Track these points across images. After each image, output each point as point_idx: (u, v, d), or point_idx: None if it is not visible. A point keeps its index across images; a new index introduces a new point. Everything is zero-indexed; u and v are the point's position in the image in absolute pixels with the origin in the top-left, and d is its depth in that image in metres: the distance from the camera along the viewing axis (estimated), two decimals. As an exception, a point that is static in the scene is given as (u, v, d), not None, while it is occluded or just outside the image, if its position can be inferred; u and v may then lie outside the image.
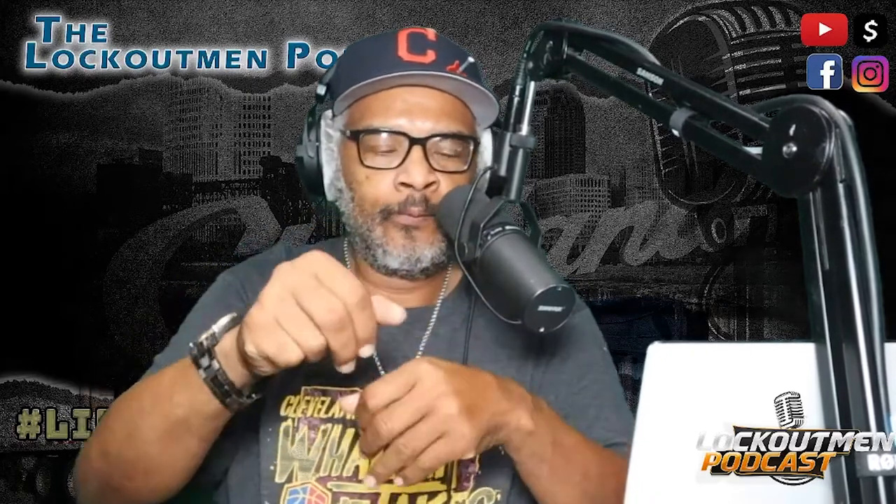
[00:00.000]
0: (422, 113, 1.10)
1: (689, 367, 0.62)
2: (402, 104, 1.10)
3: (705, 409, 0.62)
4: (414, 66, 1.09)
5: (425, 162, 1.10)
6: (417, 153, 1.09)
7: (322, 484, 1.11)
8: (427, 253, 1.13)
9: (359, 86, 1.09)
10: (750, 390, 0.63)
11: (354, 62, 1.15)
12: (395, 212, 1.11)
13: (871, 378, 0.58)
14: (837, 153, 0.61)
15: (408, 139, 1.09)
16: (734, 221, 4.12)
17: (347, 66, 1.15)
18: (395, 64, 1.09)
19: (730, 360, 0.64)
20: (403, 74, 1.08)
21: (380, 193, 1.11)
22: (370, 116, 1.11)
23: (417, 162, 1.09)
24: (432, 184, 1.10)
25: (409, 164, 1.09)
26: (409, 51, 1.10)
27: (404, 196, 1.10)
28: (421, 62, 1.09)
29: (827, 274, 0.61)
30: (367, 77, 1.08)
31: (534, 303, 0.91)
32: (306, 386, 1.15)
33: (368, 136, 1.11)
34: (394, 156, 1.11)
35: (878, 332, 0.59)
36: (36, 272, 3.69)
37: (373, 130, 1.11)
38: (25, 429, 3.85)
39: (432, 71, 1.08)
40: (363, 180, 1.13)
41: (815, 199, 0.62)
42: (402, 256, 1.13)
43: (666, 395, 0.62)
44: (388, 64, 1.09)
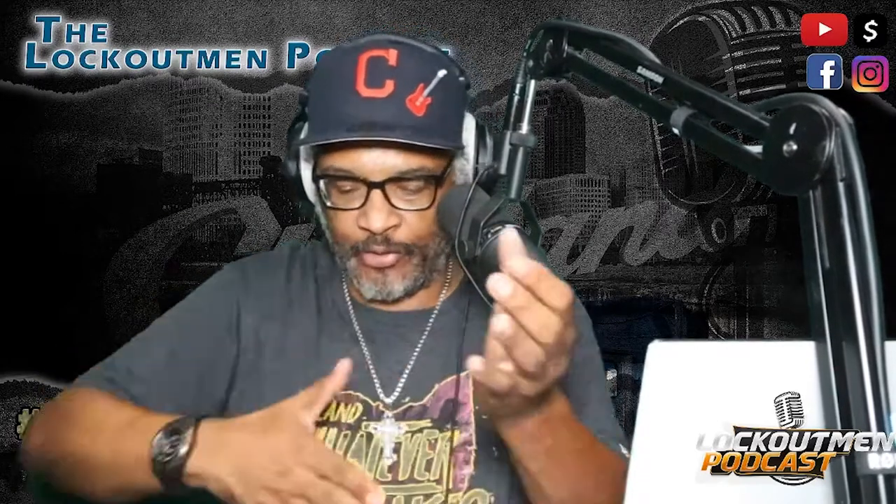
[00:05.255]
0: (381, 153, 1.08)
1: (689, 367, 0.62)
2: (361, 146, 1.08)
3: (705, 408, 0.62)
4: (370, 106, 1.07)
5: (386, 205, 1.09)
6: (377, 197, 1.09)
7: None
8: (398, 287, 1.15)
9: (314, 144, 1.10)
10: (750, 390, 0.63)
11: (322, 85, 1.13)
12: (361, 250, 1.12)
13: (871, 377, 0.58)
14: (838, 152, 0.61)
15: (365, 185, 1.09)
16: (734, 221, 4.12)
17: (317, 84, 1.14)
18: (352, 103, 1.07)
19: (730, 359, 0.64)
20: (348, 140, 1.07)
21: (346, 231, 1.13)
22: (331, 158, 1.11)
23: (377, 207, 1.09)
24: (392, 226, 1.10)
25: (369, 209, 1.09)
26: (367, 83, 1.07)
27: (367, 236, 1.11)
28: (377, 98, 1.07)
29: (827, 273, 0.61)
30: (325, 121, 1.09)
31: (533, 302, 0.91)
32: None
33: (330, 179, 1.11)
34: (356, 195, 1.11)
35: (878, 331, 0.59)
36: (36, 272, 3.69)
37: (332, 176, 1.11)
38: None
39: (389, 110, 1.06)
40: (331, 216, 1.14)
41: (816, 197, 0.62)
42: (374, 289, 1.15)
43: (666, 395, 0.62)
44: (345, 101, 1.08)
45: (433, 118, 1.08)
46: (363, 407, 1.16)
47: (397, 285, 1.14)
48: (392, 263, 1.12)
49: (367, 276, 1.14)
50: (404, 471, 1.13)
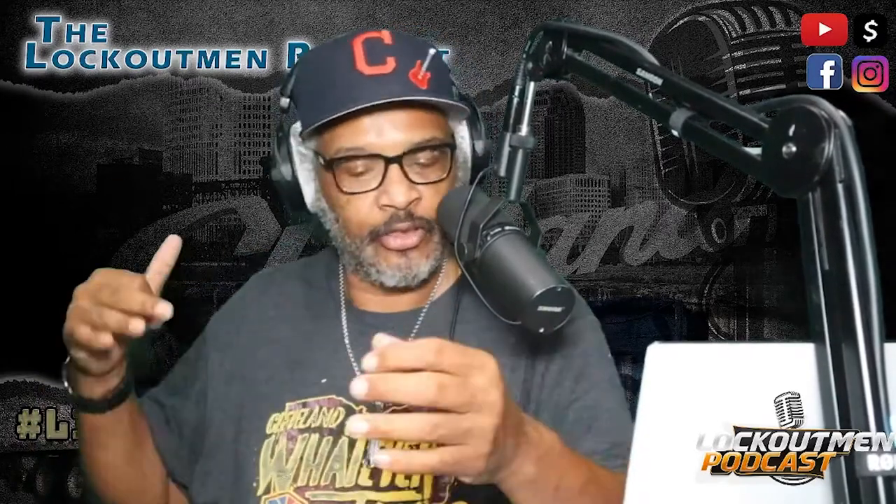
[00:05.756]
0: (392, 128, 1.08)
1: (689, 367, 0.62)
2: (371, 122, 1.08)
3: (705, 409, 0.62)
4: (375, 82, 1.06)
5: (405, 179, 1.08)
6: (395, 172, 1.08)
7: (300, 494, 1.10)
8: (424, 267, 1.13)
9: (324, 121, 1.08)
10: (750, 390, 0.63)
11: (314, 78, 1.12)
12: (383, 233, 1.10)
13: (870, 378, 0.58)
14: (837, 153, 0.61)
15: (383, 160, 1.08)
16: (734, 221, 4.12)
17: (307, 82, 1.13)
18: (355, 81, 1.07)
19: (730, 360, 0.64)
20: (367, 106, 1.06)
21: (363, 216, 1.11)
22: (340, 140, 1.09)
23: (397, 181, 1.08)
24: (415, 199, 1.09)
25: (389, 185, 1.08)
26: (368, 62, 1.07)
27: (388, 215, 1.09)
28: (382, 73, 1.07)
29: (826, 274, 0.61)
30: (329, 101, 1.07)
31: (533, 303, 0.91)
32: (290, 402, 1.15)
33: (343, 162, 1.09)
34: (371, 176, 1.09)
35: (877, 333, 0.59)
36: (36, 272, 3.69)
37: (346, 157, 1.09)
38: (25, 429, 3.85)
39: (395, 85, 1.06)
40: (345, 204, 1.12)
41: (815, 199, 0.63)
42: (399, 275, 1.13)
43: (666, 395, 0.62)
44: (348, 81, 1.07)
45: (436, 91, 1.09)
46: (345, 411, 1.14)
47: (423, 266, 1.12)
48: (416, 243, 1.11)
49: (389, 261, 1.12)
50: (386, 477, 1.10)
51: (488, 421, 0.74)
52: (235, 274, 3.79)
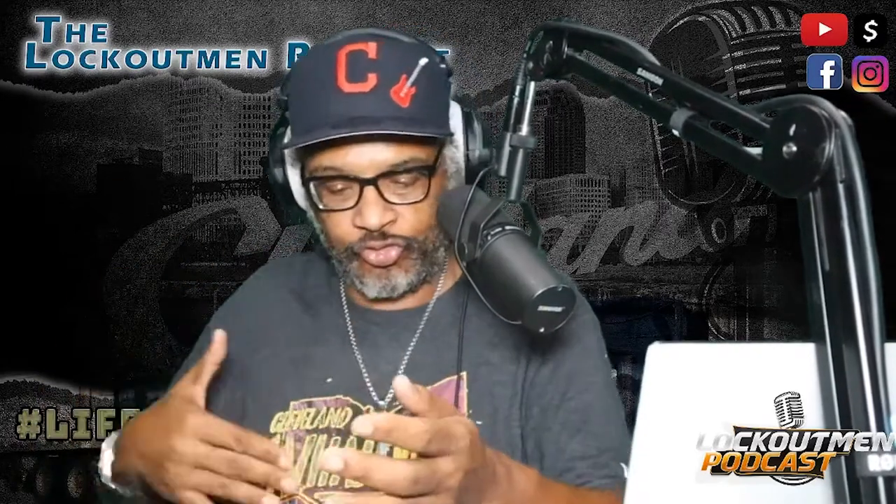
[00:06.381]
0: (370, 149, 1.06)
1: (689, 368, 0.62)
2: (350, 141, 1.06)
3: (705, 409, 0.62)
4: (353, 102, 1.04)
5: (380, 201, 1.07)
6: (371, 193, 1.07)
7: (309, 495, 1.10)
8: (402, 281, 1.13)
9: (300, 145, 1.07)
10: (750, 390, 0.63)
11: (301, 86, 1.11)
12: (359, 249, 1.10)
13: (871, 378, 0.58)
14: (837, 153, 0.61)
15: (358, 182, 1.07)
16: (734, 221, 4.12)
17: (295, 89, 1.12)
18: (334, 99, 1.05)
19: (730, 360, 0.64)
20: (335, 138, 1.04)
21: (342, 233, 1.11)
22: (319, 158, 1.08)
23: (371, 203, 1.07)
24: (389, 221, 1.08)
25: (363, 206, 1.07)
26: (349, 78, 1.05)
27: (363, 234, 1.09)
28: (361, 92, 1.05)
29: (827, 274, 0.61)
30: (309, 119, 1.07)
31: (534, 303, 0.91)
32: (294, 401, 1.15)
33: (322, 181, 1.09)
34: (349, 194, 1.08)
35: (878, 333, 0.59)
36: (36, 272, 3.69)
37: (322, 177, 1.08)
38: (25, 429, 3.85)
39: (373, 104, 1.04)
40: (325, 219, 1.12)
41: (815, 199, 0.62)
42: (378, 287, 1.13)
43: (666, 396, 0.62)
44: (326, 99, 1.06)
45: (419, 108, 1.06)
46: (353, 411, 1.13)
47: (401, 279, 1.12)
48: (395, 259, 1.11)
49: (370, 275, 1.12)
50: None
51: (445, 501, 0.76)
52: (235, 274, 3.80)
